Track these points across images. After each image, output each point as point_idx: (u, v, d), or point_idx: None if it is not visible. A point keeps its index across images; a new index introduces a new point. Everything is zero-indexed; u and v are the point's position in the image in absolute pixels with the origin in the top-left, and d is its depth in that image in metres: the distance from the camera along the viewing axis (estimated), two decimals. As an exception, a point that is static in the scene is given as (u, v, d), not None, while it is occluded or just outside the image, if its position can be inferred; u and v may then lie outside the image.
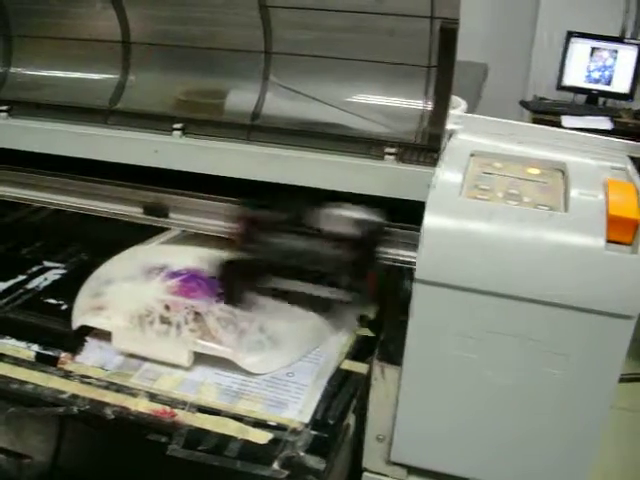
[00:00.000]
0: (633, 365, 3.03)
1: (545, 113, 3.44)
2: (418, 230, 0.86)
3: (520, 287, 0.83)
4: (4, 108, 1.18)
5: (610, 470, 2.47)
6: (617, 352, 0.84)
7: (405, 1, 0.97)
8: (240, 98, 1.13)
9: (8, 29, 1.24)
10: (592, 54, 3.58)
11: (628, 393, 2.87)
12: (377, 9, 0.99)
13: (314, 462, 0.85)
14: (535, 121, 3.40)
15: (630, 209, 0.83)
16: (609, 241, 0.81)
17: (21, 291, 1.18)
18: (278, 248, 0.96)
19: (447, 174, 0.91)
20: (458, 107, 1.13)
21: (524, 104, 3.55)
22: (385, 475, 1.00)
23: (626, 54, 3.53)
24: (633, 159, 1.01)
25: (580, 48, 3.58)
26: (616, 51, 3.54)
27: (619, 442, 2.62)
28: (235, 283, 1.02)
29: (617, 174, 0.95)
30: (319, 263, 0.96)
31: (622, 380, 2.80)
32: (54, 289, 1.20)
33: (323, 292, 0.99)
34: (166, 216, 1.12)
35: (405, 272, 1.05)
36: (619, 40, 3.57)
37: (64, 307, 1.13)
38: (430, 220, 0.84)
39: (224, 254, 1.10)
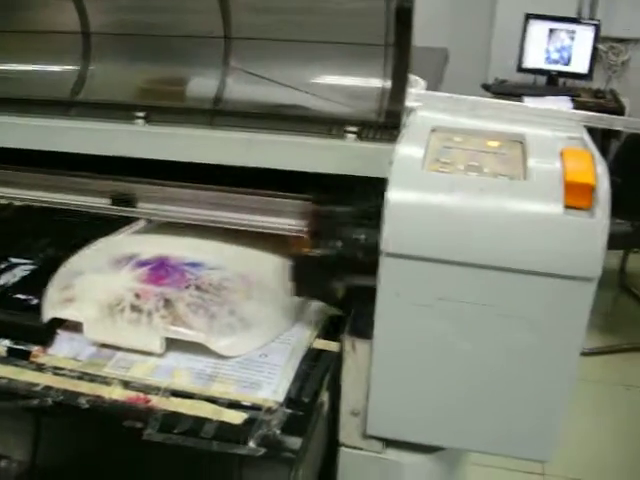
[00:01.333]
0: (606, 338, 3.10)
1: (507, 95, 3.48)
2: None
3: (483, 255, 0.84)
4: (-38, 104, 1.16)
5: (585, 440, 2.53)
6: (581, 314, 0.86)
7: (361, -20, 0.98)
8: (202, 84, 1.13)
9: (-38, 24, 1.22)
10: (550, 35, 3.63)
11: (600, 366, 2.93)
12: (334, -10, 1.01)
13: (290, 439, 0.86)
14: (497, 103, 3.44)
15: (586, 175, 0.85)
16: (567, 207, 0.83)
17: (-12, 288, 1.17)
18: (356, 241, 0.94)
19: (408, 149, 0.92)
20: (417, 86, 1.14)
21: (486, 87, 3.60)
22: (361, 449, 1.01)
23: (583, 34, 3.59)
24: (589, 129, 1.04)
25: (538, 30, 3.63)
26: (574, 32, 3.60)
27: (592, 413, 2.67)
28: (313, 278, 0.98)
29: (574, 143, 0.97)
30: None
31: (596, 353, 2.87)
32: (23, 285, 1.19)
33: None
34: (134, 206, 1.11)
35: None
36: (576, 21, 3.63)
37: (34, 302, 1.12)
38: (393, 194, 0.86)
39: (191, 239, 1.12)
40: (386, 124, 0.99)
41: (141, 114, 1.07)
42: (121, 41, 1.17)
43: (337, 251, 0.94)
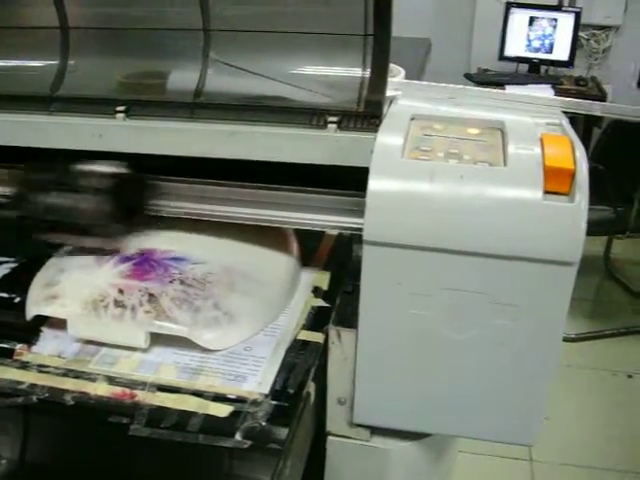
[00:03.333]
0: (591, 324, 3.12)
1: (489, 84, 3.49)
2: (362, 196, 0.87)
3: (465, 242, 0.85)
4: (-61, 101, 1.15)
5: (572, 425, 2.55)
6: (562, 298, 0.87)
7: (338, -30, 0.97)
8: (182, 77, 1.12)
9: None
10: (531, 23, 3.64)
11: (586, 352, 2.96)
12: (312, -20, 1.00)
13: (276, 431, 0.86)
14: (480, 93, 3.46)
15: (565, 160, 0.86)
16: (547, 192, 0.84)
17: (-29, 288, 1.17)
18: (42, 205, 1.05)
19: (388, 138, 0.92)
20: (398, 75, 1.15)
21: (468, 76, 3.61)
22: (349, 437, 1.02)
23: (565, 22, 3.60)
24: (568, 115, 1.04)
25: (519, 18, 3.64)
26: (555, 19, 3.61)
27: (578, 399, 2.70)
28: None
29: (552, 129, 0.97)
30: (78, 216, 1.05)
31: (582, 339, 2.89)
32: (6, 283, 1.18)
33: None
34: None
35: (354, 239, 1.07)
36: (557, 8, 3.64)
37: (17, 300, 1.12)
38: (374, 183, 0.86)
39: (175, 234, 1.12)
40: (367, 114, 0.99)
41: (122, 108, 1.07)
42: (100, 35, 1.16)
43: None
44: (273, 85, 1.06)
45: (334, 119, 0.99)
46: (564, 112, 1.04)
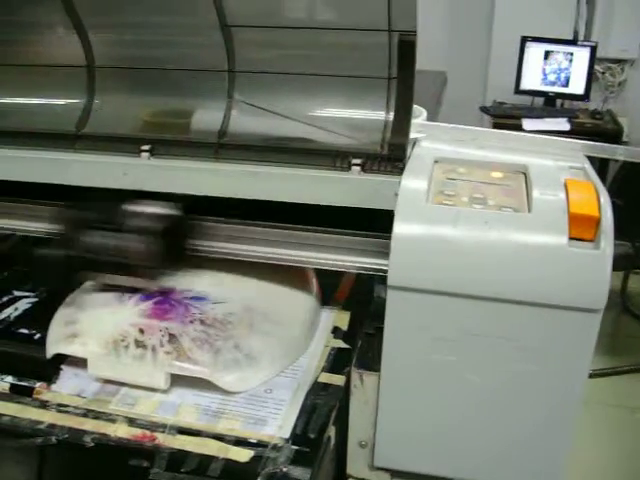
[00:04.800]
0: (608, 360, 3.08)
1: (505, 117, 3.51)
2: (385, 238, 0.87)
3: (489, 288, 0.85)
4: (-32, 137, 1.17)
5: (590, 461, 2.50)
6: (587, 344, 0.87)
7: (363, 16, 0.98)
8: (206, 117, 1.13)
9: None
10: (547, 57, 3.65)
11: (604, 388, 2.91)
12: (336, 25, 1.01)
13: (297, 476, 0.85)
14: (496, 125, 3.47)
15: (590, 207, 0.86)
16: (572, 238, 0.84)
17: (-8, 322, 1.17)
18: (89, 245, 1.04)
19: (413, 182, 0.92)
20: (420, 116, 1.15)
21: (484, 109, 3.61)
22: (369, 481, 1.01)
23: (580, 56, 3.61)
24: (590, 158, 1.04)
25: (535, 52, 3.66)
26: (571, 53, 3.62)
27: (595, 436, 2.65)
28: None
29: (576, 173, 0.97)
30: (125, 256, 1.04)
31: (599, 375, 2.83)
32: (26, 318, 1.19)
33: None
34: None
35: (376, 280, 1.07)
36: (572, 42, 3.65)
37: (37, 336, 1.12)
38: (399, 227, 0.86)
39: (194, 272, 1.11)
40: (390, 156, 1.00)
41: (146, 147, 1.08)
42: (126, 74, 1.17)
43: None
44: (297, 126, 1.07)
45: (358, 161, 0.99)
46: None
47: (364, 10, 0.98)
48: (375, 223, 0.98)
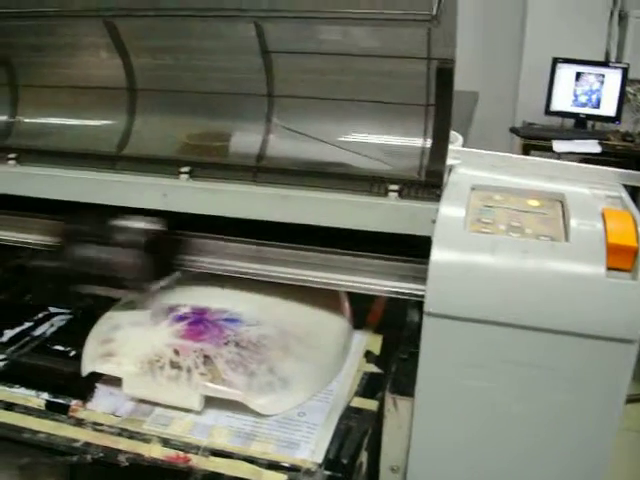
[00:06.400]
0: (637, 386, 3.03)
1: (535, 138, 3.48)
2: (420, 263, 0.87)
3: (526, 316, 0.84)
4: (12, 156, 1.20)
5: (619, 493, 2.45)
6: (622, 375, 0.86)
7: (402, 44, 0.99)
8: (245, 140, 1.14)
9: (14, 79, 1.26)
10: (578, 79, 3.63)
11: (634, 414, 2.86)
12: (376, 52, 1.02)
13: (330, 501, 0.85)
14: (525, 146, 3.45)
15: (628, 237, 0.85)
16: (609, 268, 0.83)
17: (28, 338, 1.19)
18: (75, 256, 1.09)
19: (450, 209, 0.93)
20: (455, 142, 1.15)
21: (514, 130, 3.59)
22: (400, 507, 1.00)
23: (612, 77, 3.59)
24: (626, 186, 1.04)
25: (566, 73, 3.64)
26: (603, 75, 3.60)
27: (626, 462, 2.61)
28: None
29: (612, 202, 0.97)
30: (108, 269, 1.08)
31: (629, 401, 2.78)
32: (61, 335, 1.20)
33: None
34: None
35: (410, 305, 1.07)
36: (604, 64, 3.63)
37: (72, 353, 1.13)
38: (437, 254, 0.86)
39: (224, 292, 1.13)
40: (428, 183, 1.00)
41: (186, 169, 1.09)
42: (166, 97, 1.19)
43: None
44: (334, 151, 1.08)
45: (395, 187, 1.00)
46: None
47: (404, 38, 0.99)
48: (398, 245, 0.98)
